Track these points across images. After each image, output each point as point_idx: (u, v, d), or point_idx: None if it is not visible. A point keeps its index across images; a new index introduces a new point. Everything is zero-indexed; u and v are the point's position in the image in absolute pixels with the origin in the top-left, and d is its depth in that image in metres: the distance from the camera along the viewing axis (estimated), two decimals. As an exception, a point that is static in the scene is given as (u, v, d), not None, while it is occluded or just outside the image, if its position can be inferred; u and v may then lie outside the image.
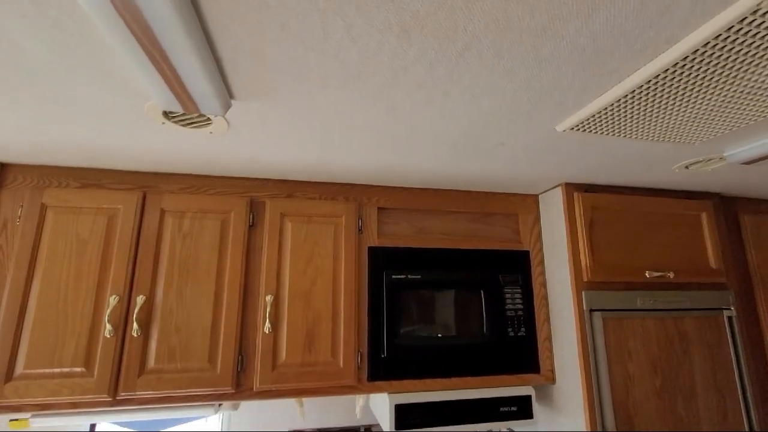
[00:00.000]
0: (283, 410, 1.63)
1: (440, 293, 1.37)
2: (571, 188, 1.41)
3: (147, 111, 0.86)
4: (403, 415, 1.25)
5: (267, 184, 1.33)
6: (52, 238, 1.14)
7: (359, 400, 1.60)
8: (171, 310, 1.17)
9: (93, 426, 1.56)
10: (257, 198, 1.31)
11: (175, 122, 0.92)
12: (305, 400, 1.64)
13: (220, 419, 1.59)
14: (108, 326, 1.10)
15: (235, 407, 1.53)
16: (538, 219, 1.54)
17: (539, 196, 1.55)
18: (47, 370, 1.06)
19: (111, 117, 0.90)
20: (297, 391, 1.22)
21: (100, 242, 1.16)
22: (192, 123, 0.93)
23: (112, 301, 1.12)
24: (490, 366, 1.36)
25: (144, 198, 1.22)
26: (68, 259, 1.13)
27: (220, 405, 1.23)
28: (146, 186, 1.24)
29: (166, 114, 0.89)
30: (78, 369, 1.08)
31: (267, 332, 1.21)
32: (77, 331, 1.10)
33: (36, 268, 1.11)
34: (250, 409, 1.60)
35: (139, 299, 1.14)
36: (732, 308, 1.42)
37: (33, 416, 1.09)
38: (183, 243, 1.22)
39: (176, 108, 0.79)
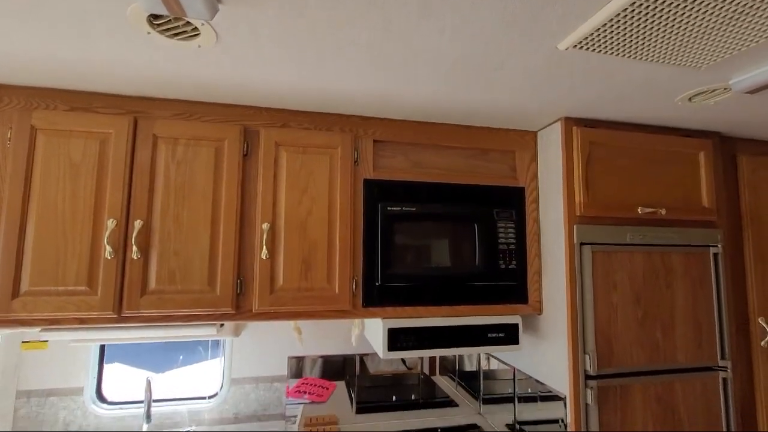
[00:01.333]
0: (283, 339, 1.71)
1: (435, 226, 1.39)
2: (571, 123, 1.38)
3: (130, 16, 0.82)
4: (396, 338, 1.32)
5: (261, 113, 1.31)
6: (45, 161, 1.13)
7: (354, 329, 1.68)
8: (169, 235, 1.19)
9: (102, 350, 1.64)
10: (251, 127, 1.29)
11: (161, 32, 0.88)
12: (303, 329, 1.72)
13: (222, 346, 1.68)
14: (108, 248, 1.13)
15: (237, 334, 1.61)
16: (535, 157, 1.53)
17: (538, 133, 1.53)
18: (51, 288, 1.10)
19: (92, 24, 0.86)
20: (294, 313, 1.27)
21: (94, 167, 1.15)
22: (178, 34, 0.89)
23: (110, 224, 1.14)
24: (481, 296, 1.42)
25: (135, 123, 1.20)
26: (63, 182, 1.14)
27: (222, 325, 1.29)
28: (137, 111, 1.22)
29: (150, 22, 0.84)
30: (82, 288, 1.12)
31: (264, 258, 1.24)
32: (78, 252, 1.13)
33: (31, 189, 1.12)
34: (251, 338, 1.68)
35: (137, 224, 1.16)
36: (719, 246, 1.46)
37: (42, 330, 1.15)
38: (177, 170, 1.21)
39: (160, 10, 0.75)
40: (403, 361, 2.33)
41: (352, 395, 2.00)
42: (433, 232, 1.39)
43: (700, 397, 1.38)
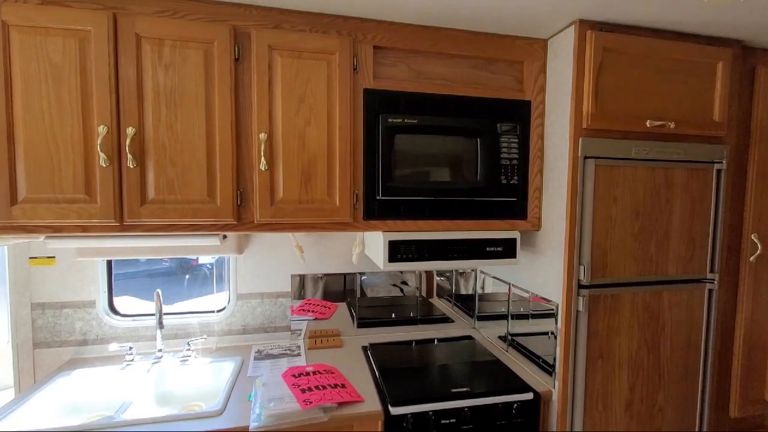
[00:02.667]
0: (285, 258, 1.76)
1: (436, 139, 1.36)
2: (585, 26, 1.29)
3: None
4: (396, 250, 1.35)
5: (250, 11, 1.20)
6: (24, 62, 1.06)
7: (355, 248, 1.71)
8: (163, 144, 1.16)
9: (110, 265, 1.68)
10: (241, 28, 1.20)
11: None
12: (305, 249, 1.76)
13: (227, 264, 1.72)
14: (102, 155, 1.10)
15: (240, 251, 1.64)
16: (543, 68, 1.44)
17: (548, 41, 1.43)
18: (50, 195, 1.09)
19: None
20: (295, 225, 1.28)
21: (76, 67, 1.08)
22: None
23: (101, 131, 1.10)
24: (481, 211, 1.42)
25: (114, 20, 1.10)
26: (46, 86, 1.07)
27: (224, 237, 1.31)
28: (114, 6, 1.12)
29: None
30: (80, 195, 1.11)
31: (263, 169, 1.22)
32: (71, 160, 1.10)
33: (14, 93, 1.06)
34: (254, 256, 1.72)
35: (129, 131, 1.12)
36: (723, 162, 1.44)
37: (47, 238, 1.16)
38: (166, 74, 1.14)
39: None
40: (401, 290, 2.42)
41: (353, 313, 2.09)
42: (435, 145, 1.36)
43: (686, 306, 1.46)
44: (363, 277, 2.04)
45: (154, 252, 1.50)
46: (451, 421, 1.30)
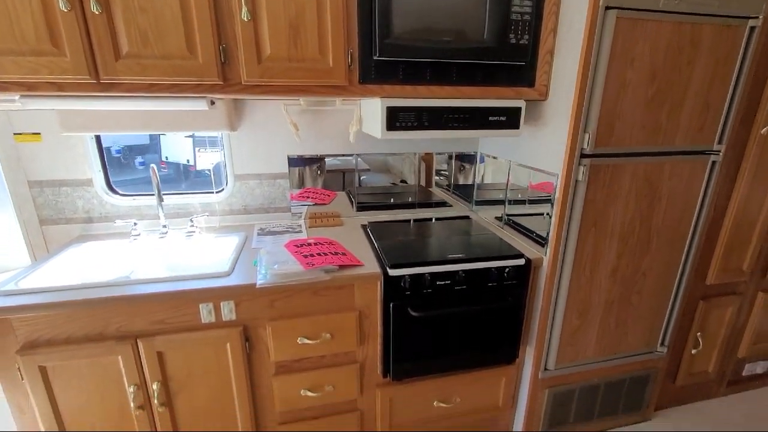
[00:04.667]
0: (281, 138, 1.70)
1: (440, -14, 1.19)
2: None
3: None
4: (395, 117, 1.29)
5: None
6: None
7: (352, 126, 1.65)
8: (129, -14, 1.01)
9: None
10: None
11: None
12: (301, 128, 1.69)
13: (221, 142, 1.67)
14: (60, -3, 0.97)
15: (233, 128, 1.57)
16: None
17: None
18: (12, 46, 1.00)
19: None
20: (287, 88, 1.20)
21: None
22: None
23: (53, -35, 0.95)
24: (486, 76, 1.32)
25: None
26: None
27: (213, 103, 1.24)
28: None
29: None
30: (46, 46, 1.01)
31: (246, 20, 1.09)
32: (27, 4, 0.97)
33: None
34: (248, 135, 1.66)
35: (86, -33, 0.97)
36: (759, 18, 1.29)
37: (21, 97, 1.09)
38: None
39: None
40: (399, 185, 2.40)
41: (353, 199, 2.11)
42: (439, -6, 1.20)
43: (686, 178, 1.45)
44: (362, 177, 2.02)
45: (143, 126, 1.44)
46: (446, 282, 1.39)
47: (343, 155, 1.84)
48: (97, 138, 1.56)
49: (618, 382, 1.71)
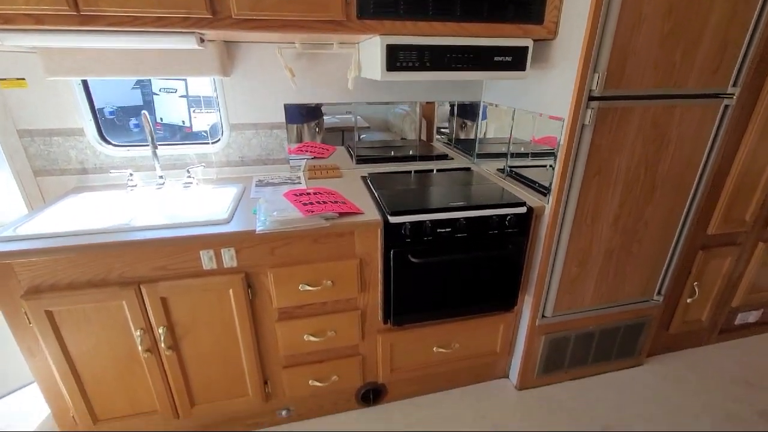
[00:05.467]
0: (276, 86, 1.63)
1: None
2: None
3: None
4: (395, 56, 1.22)
5: None
6: None
7: (351, 72, 1.58)
8: None
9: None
10: None
11: None
12: (298, 75, 1.62)
13: (214, 85, 1.61)
14: None
15: (226, 73, 1.51)
16: None
17: None
18: (-18, -29, 0.92)
19: None
20: (280, 23, 1.13)
21: None
22: None
23: None
24: (492, 11, 1.24)
25: None
26: None
27: (202, 41, 1.17)
28: None
29: None
30: (18, -27, 0.94)
31: (233, -57, 1.00)
32: None
33: None
34: (242, 83, 1.59)
35: None
36: (790, -57, 1.19)
37: (-2, 32, 1.03)
38: None
39: None
40: (400, 141, 2.34)
41: (352, 153, 2.07)
42: None
43: (696, 123, 1.40)
44: (362, 135, 1.96)
45: (131, 70, 1.37)
46: (447, 230, 1.38)
47: (342, 104, 1.77)
48: (85, 85, 1.49)
49: (613, 330, 1.76)
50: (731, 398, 1.75)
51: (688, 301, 1.84)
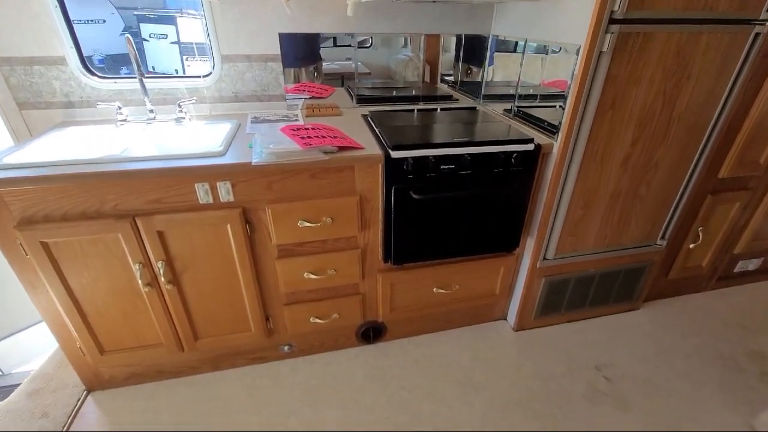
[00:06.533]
0: (269, 14, 1.51)
1: None
2: None
3: None
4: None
5: None
6: None
7: (350, -4, 1.45)
8: None
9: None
10: None
11: None
12: (293, 2, 1.49)
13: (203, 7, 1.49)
14: None
15: (213, -5, 1.38)
16: None
17: None
18: None
19: None
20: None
21: None
22: None
23: None
24: None
25: None
26: None
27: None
28: None
29: None
30: None
31: None
32: None
33: None
34: (233, 11, 1.47)
35: None
36: None
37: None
38: None
39: None
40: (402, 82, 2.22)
41: (352, 93, 1.98)
42: None
43: (723, 53, 1.30)
44: (363, 82, 1.85)
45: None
46: (451, 167, 1.33)
47: (340, 34, 1.65)
48: (62, 5, 1.38)
49: (613, 273, 1.76)
50: (723, 340, 1.79)
51: (691, 246, 1.83)
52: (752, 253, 2.03)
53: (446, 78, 2.26)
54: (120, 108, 1.46)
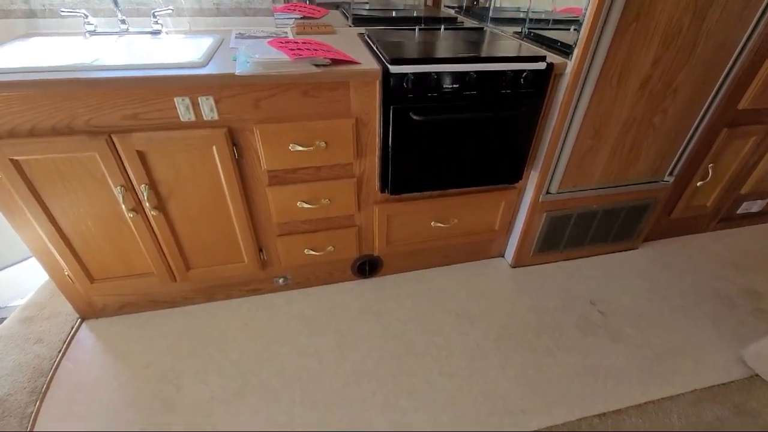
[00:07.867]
0: None
1: None
2: None
3: None
4: None
5: None
6: None
7: None
8: None
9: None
10: None
11: None
12: None
13: None
14: None
15: None
16: None
17: None
18: None
19: None
20: None
21: None
22: None
23: None
24: None
25: None
26: None
27: None
28: None
29: None
30: None
31: None
32: None
33: None
34: None
35: None
36: None
37: None
38: None
39: None
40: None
41: (347, 14, 1.80)
42: None
43: (765, -44, 1.15)
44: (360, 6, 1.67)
45: None
46: (454, 86, 1.22)
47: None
48: None
49: (616, 210, 1.71)
50: (719, 278, 1.79)
51: (699, 184, 1.77)
52: (758, 194, 1.98)
53: (449, 7, 2.09)
54: (87, 16, 1.30)
